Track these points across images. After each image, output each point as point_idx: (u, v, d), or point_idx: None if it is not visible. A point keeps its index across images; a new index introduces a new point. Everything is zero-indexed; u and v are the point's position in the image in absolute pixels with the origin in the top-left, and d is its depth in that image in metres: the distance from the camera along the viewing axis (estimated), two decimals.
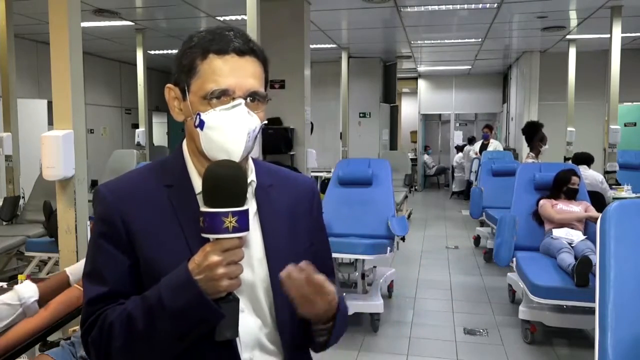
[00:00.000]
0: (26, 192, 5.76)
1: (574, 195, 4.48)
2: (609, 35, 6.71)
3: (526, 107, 10.24)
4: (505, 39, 9.18)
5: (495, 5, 6.53)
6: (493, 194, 6.48)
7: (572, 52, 8.79)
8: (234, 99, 1.04)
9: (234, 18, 6.90)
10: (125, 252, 1.06)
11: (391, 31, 8.29)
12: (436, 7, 6.64)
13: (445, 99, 13.78)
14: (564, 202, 4.44)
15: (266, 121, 1.11)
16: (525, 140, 6.38)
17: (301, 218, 1.20)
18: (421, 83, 13.91)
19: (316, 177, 8.39)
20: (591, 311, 2.93)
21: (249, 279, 1.08)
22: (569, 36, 8.53)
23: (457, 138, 13.97)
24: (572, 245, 4.07)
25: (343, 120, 9.50)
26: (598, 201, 4.82)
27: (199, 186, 1.09)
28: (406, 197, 8.73)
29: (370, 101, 10.80)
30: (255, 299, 1.11)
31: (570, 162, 6.00)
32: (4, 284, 1.83)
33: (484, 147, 10.49)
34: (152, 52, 9.16)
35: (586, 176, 5.36)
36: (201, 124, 1.04)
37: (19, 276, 1.91)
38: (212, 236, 0.95)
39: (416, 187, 12.49)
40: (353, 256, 4.36)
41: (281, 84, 6.12)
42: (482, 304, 4.77)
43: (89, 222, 2.86)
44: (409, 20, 7.41)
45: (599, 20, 7.20)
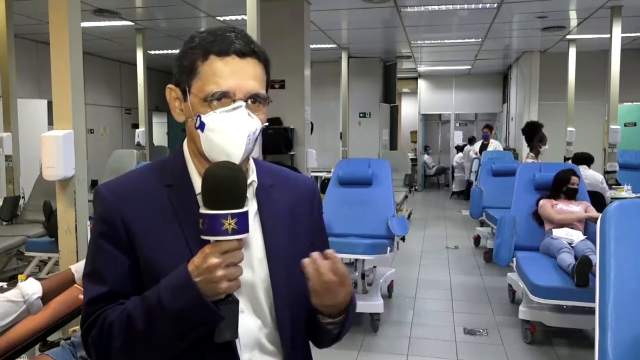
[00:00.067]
0: (26, 192, 5.75)
1: (574, 195, 4.48)
2: (609, 35, 6.71)
3: (526, 107, 10.24)
4: (505, 39, 9.18)
5: (495, 5, 6.53)
6: (493, 194, 6.49)
7: (572, 52, 8.79)
8: (234, 101, 1.04)
9: (234, 18, 6.90)
10: (125, 252, 1.06)
11: (391, 31, 8.29)
12: (436, 7, 6.64)
13: (445, 99, 13.78)
14: (564, 202, 4.44)
15: (267, 123, 1.11)
16: (525, 140, 6.39)
17: (302, 218, 1.20)
18: (421, 83, 13.91)
19: (316, 177, 8.39)
20: (591, 311, 2.93)
21: (249, 279, 1.08)
22: (569, 36, 8.53)
23: (457, 138, 13.98)
24: (572, 245, 4.07)
25: (343, 120, 9.50)
26: (598, 201, 4.82)
27: (199, 187, 1.09)
28: (406, 197, 8.73)
29: (370, 101, 10.80)
30: (255, 300, 1.10)
31: (570, 162, 5.99)
32: (4, 284, 1.83)
33: (483, 147, 10.49)
34: (152, 52, 9.16)
35: (586, 176, 5.37)
36: (202, 126, 1.04)
37: (19, 276, 1.90)
38: (211, 238, 0.95)
39: (416, 187, 12.49)
40: (353, 256, 4.36)
41: (281, 84, 6.12)
42: (482, 304, 4.77)
43: (89, 222, 2.86)
44: (409, 20, 7.41)
45: (599, 20, 7.20)
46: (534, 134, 6.21)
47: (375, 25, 7.89)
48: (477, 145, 10.96)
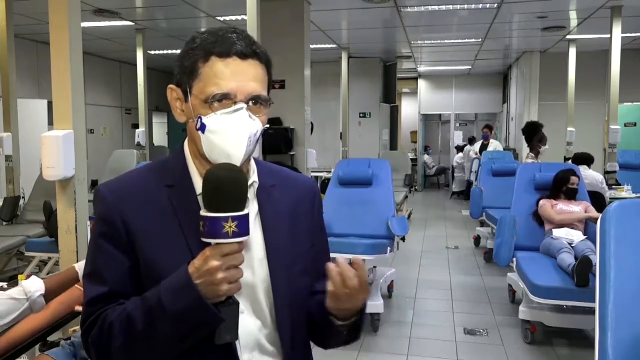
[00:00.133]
0: (26, 192, 5.75)
1: (574, 195, 4.48)
2: (609, 35, 6.71)
3: (526, 107, 10.24)
4: (505, 39, 9.18)
5: (495, 5, 6.53)
6: (493, 194, 6.49)
7: (572, 52, 8.79)
8: (235, 102, 1.04)
9: (234, 18, 6.90)
10: (125, 252, 1.06)
11: (391, 31, 8.29)
12: (436, 7, 6.64)
13: (445, 99, 13.78)
14: (564, 202, 4.44)
15: (268, 125, 1.11)
16: (525, 140, 6.39)
17: (302, 218, 1.20)
18: (421, 83, 13.91)
19: (316, 177, 8.39)
20: (591, 311, 2.93)
21: (249, 280, 1.08)
22: (569, 36, 8.53)
23: (457, 138, 13.97)
24: (572, 245, 4.07)
25: (343, 120, 9.50)
26: (598, 201, 4.82)
27: (200, 187, 1.09)
28: (406, 197, 8.73)
29: (370, 101, 10.80)
30: (255, 300, 1.10)
31: (570, 162, 6.00)
32: (4, 284, 1.82)
33: (483, 147, 10.50)
34: (152, 52, 9.16)
35: (586, 176, 5.37)
36: (202, 127, 1.04)
37: (19, 276, 1.90)
38: (212, 240, 0.94)
39: (416, 187, 12.49)
40: (353, 256, 4.36)
41: (281, 84, 6.12)
42: (482, 304, 4.77)
43: (89, 222, 2.86)
44: (409, 20, 7.41)
45: (599, 20, 7.20)
46: (533, 134, 6.21)
47: (375, 25, 7.89)
48: (477, 145, 10.97)
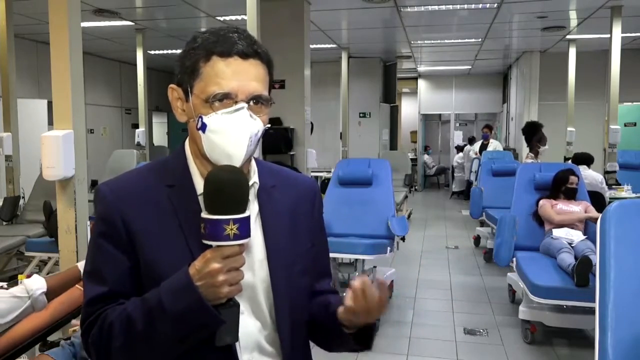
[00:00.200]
0: (26, 192, 5.75)
1: (573, 194, 4.48)
2: (609, 35, 6.71)
3: (526, 107, 10.24)
4: (505, 39, 9.18)
5: (495, 5, 6.53)
6: (493, 194, 6.49)
7: (572, 52, 8.79)
8: (236, 102, 1.03)
9: (234, 18, 6.90)
10: (125, 252, 1.05)
11: (391, 31, 8.29)
12: (436, 7, 6.64)
13: (445, 99, 13.78)
14: (564, 202, 4.44)
15: (269, 125, 1.10)
16: (525, 140, 6.39)
17: (302, 218, 1.20)
18: (421, 83, 13.91)
19: (316, 177, 8.39)
20: (591, 311, 2.93)
21: (249, 281, 1.07)
22: (569, 36, 8.53)
23: (457, 138, 13.98)
24: (572, 245, 4.07)
25: (343, 120, 9.50)
26: (598, 201, 4.82)
27: (201, 187, 1.08)
28: (406, 197, 8.73)
29: (370, 101, 10.80)
30: (255, 301, 1.10)
31: (570, 162, 6.00)
32: (4, 284, 1.82)
33: (483, 147, 10.50)
34: (152, 52, 9.16)
35: (586, 176, 5.37)
36: (203, 127, 1.04)
37: (19, 276, 1.90)
38: (213, 243, 0.94)
39: (416, 187, 12.49)
40: (353, 256, 4.36)
41: (281, 84, 6.12)
42: (482, 304, 4.77)
43: (89, 222, 2.86)
44: (409, 20, 7.41)
45: (599, 20, 7.20)
46: (533, 134, 6.21)
47: (375, 25, 7.88)
48: (477, 145, 10.97)
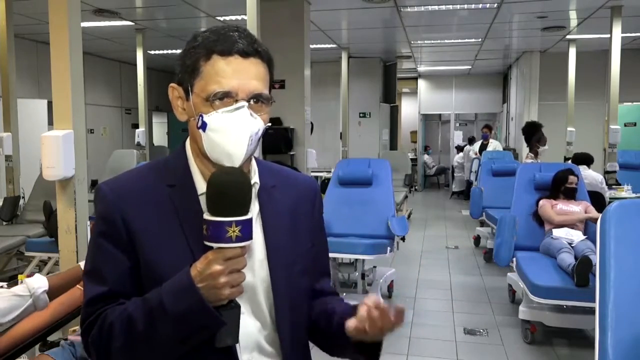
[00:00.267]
0: (26, 192, 5.75)
1: (573, 194, 4.48)
2: (609, 35, 6.71)
3: (526, 107, 10.24)
4: (505, 39, 9.18)
5: (495, 5, 6.53)
6: (493, 194, 6.48)
7: (572, 52, 8.79)
8: (237, 101, 1.03)
9: (234, 18, 6.90)
10: (125, 252, 1.05)
11: (391, 31, 8.29)
12: (436, 7, 6.64)
13: (445, 99, 13.77)
14: (564, 202, 4.44)
15: (270, 123, 1.10)
16: (525, 140, 6.40)
17: (303, 218, 1.20)
18: (421, 83, 13.91)
19: (316, 177, 8.38)
20: (591, 311, 2.93)
21: (249, 281, 1.07)
22: (569, 36, 8.53)
23: (457, 138, 13.97)
24: (572, 245, 4.07)
25: (343, 120, 9.50)
26: (598, 201, 4.82)
27: (202, 187, 1.09)
28: (406, 197, 8.73)
29: (370, 101, 10.80)
30: (255, 301, 1.10)
31: (570, 162, 6.00)
32: (4, 284, 1.82)
33: (483, 147, 10.51)
34: (152, 52, 9.16)
35: (586, 176, 5.36)
36: (203, 126, 1.03)
37: (19, 276, 1.90)
38: (215, 245, 0.94)
39: (416, 187, 12.49)
40: (353, 256, 4.36)
41: (281, 84, 6.12)
42: (482, 304, 4.77)
43: (89, 222, 2.86)
44: (409, 20, 7.41)
45: (599, 20, 7.20)
46: (532, 134, 6.22)
47: (375, 25, 7.88)
48: (477, 146, 10.98)
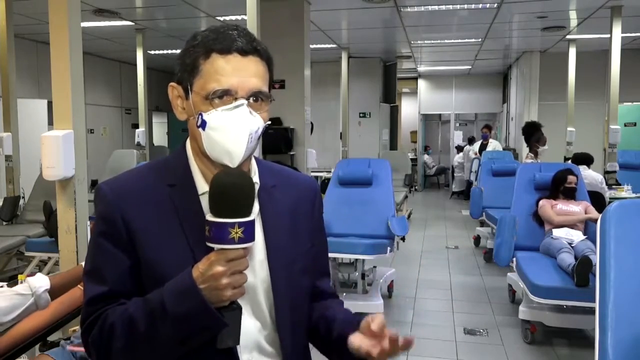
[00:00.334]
0: (26, 192, 5.75)
1: (572, 194, 4.48)
2: (609, 35, 6.71)
3: (526, 107, 10.24)
4: (505, 39, 9.18)
5: (495, 5, 6.53)
6: (493, 194, 6.48)
7: (572, 52, 8.79)
8: (236, 99, 1.03)
9: (234, 18, 6.89)
10: (125, 251, 1.05)
11: (391, 31, 8.29)
12: (436, 7, 6.64)
13: (445, 99, 13.77)
14: (563, 202, 4.44)
15: (269, 121, 1.10)
16: (524, 140, 6.40)
17: (302, 218, 1.20)
18: (421, 83, 13.91)
19: (316, 177, 8.39)
20: (591, 311, 2.93)
21: (250, 281, 1.06)
22: (569, 36, 8.53)
23: (457, 138, 13.97)
24: (572, 245, 4.07)
25: (343, 120, 9.50)
26: (598, 201, 4.82)
27: (202, 186, 1.09)
28: (406, 197, 8.73)
29: (370, 101, 10.80)
30: (255, 301, 1.10)
31: (570, 162, 6.00)
32: (4, 284, 1.82)
33: (483, 147, 10.51)
34: (152, 52, 9.16)
35: (586, 176, 5.36)
36: (203, 124, 1.03)
37: (19, 276, 1.90)
38: (217, 246, 0.94)
39: (416, 187, 12.48)
40: (353, 256, 4.36)
41: (281, 84, 6.11)
42: (482, 304, 4.77)
43: (89, 222, 2.86)
44: (409, 20, 7.41)
45: (599, 20, 7.20)
46: (531, 134, 6.22)
47: (375, 25, 7.88)
48: (477, 146, 10.99)
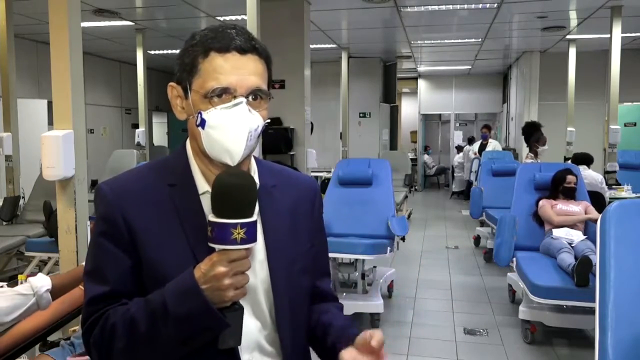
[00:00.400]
0: (26, 192, 5.75)
1: (572, 194, 4.47)
2: (609, 35, 6.71)
3: (526, 107, 10.24)
4: (505, 39, 9.18)
5: (495, 5, 6.52)
6: (493, 194, 6.48)
7: (572, 52, 8.79)
8: (235, 97, 1.03)
9: (234, 18, 6.89)
10: (126, 251, 1.05)
11: (391, 31, 8.29)
12: (436, 7, 6.64)
13: (445, 99, 13.77)
14: (563, 201, 4.44)
15: (269, 120, 1.10)
16: (524, 140, 6.40)
17: (302, 218, 1.20)
18: (421, 83, 13.91)
19: (316, 177, 8.39)
20: (591, 311, 2.93)
21: (250, 282, 1.06)
22: (569, 36, 8.52)
23: (457, 138, 13.97)
24: (572, 245, 4.07)
25: (343, 120, 9.50)
26: (598, 201, 4.82)
27: (202, 186, 1.09)
28: (406, 197, 8.73)
29: (370, 101, 10.80)
30: (256, 302, 1.10)
31: (570, 162, 6.00)
32: (4, 284, 1.82)
33: (482, 147, 10.51)
34: (152, 52, 9.16)
35: (585, 176, 5.36)
36: (202, 123, 1.04)
37: (19, 276, 1.90)
38: (219, 246, 0.93)
39: (416, 187, 12.48)
40: (353, 256, 4.36)
41: (281, 84, 6.11)
42: (482, 304, 4.77)
43: (89, 222, 2.86)
44: (409, 20, 7.41)
45: (599, 20, 7.20)
46: (531, 134, 6.22)
47: (375, 25, 7.88)
48: (476, 146, 10.99)
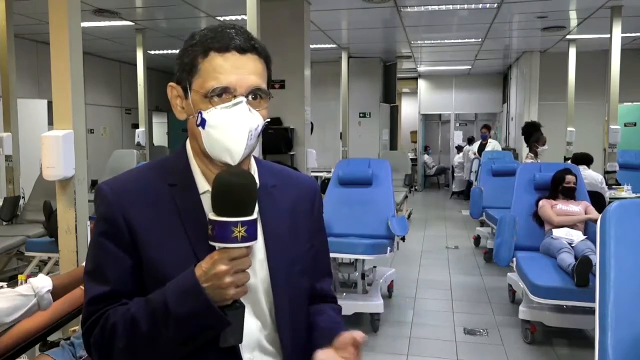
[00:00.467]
0: (26, 192, 5.75)
1: (572, 194, 4.47)
2: (609, 35, 6.71)
3: (526, 107, 10.24)
4: (505, 39, 9.18)
5: (495, 5, 6.53)
6: (493, 194, 6.48)
7: (572, 52, 8.79)
8: (235, 96, 1.03)
9: (234, 18, 6.90)
10: (127, 251, 1.05)
11: (391, 31, 8.29)
12: (436, 7, 6.64)
13: (445, 99, 13.77)
14: (563, 201, 4.44)
15: (269, 119, 1.10)
16: (524, 140, 6.40)
17: (302, 218, 1.20)
18: (421, 83, 13.91)
19: (316, 177, 8.38)
20: (591, 311, 2.93)
21: (250, 281, 1.06)
22: (569, 36, 8.53)
23: (457, 138, 13.97)
24: (572, 245, 4.07)
25: (343, 120, 9.50)
26: (598, 201, 4.82)
27: (203, 186, 1.09)
28: (406, 197, 8.73)
29: (370, 101, 10.80)
30: (256, 301, 1.10)
31: (569, 162, 6.00)
32: (4, 284, 1.82)
33: (482, 147, 10.51)
34: (152, 52, 9.16)
35: (585, 176, 5.36)
36: (202, 123, 1.04)
37: (19, 276, 1.90)
38: (220, 245, 0.94)
39: (416, 187, 12.48)
40: (353, 256, 4.36)
41: (281, 84, 6.11)
42: (482, 304, 4.77)
43: (89, 222, 2.86)
44: (409, 20, 7.41)
45: (599, 20, 7.20)
46: (531, 134, 6.22)
47: (375, 25, 7.88)
48: (476, 146, 10.99)
